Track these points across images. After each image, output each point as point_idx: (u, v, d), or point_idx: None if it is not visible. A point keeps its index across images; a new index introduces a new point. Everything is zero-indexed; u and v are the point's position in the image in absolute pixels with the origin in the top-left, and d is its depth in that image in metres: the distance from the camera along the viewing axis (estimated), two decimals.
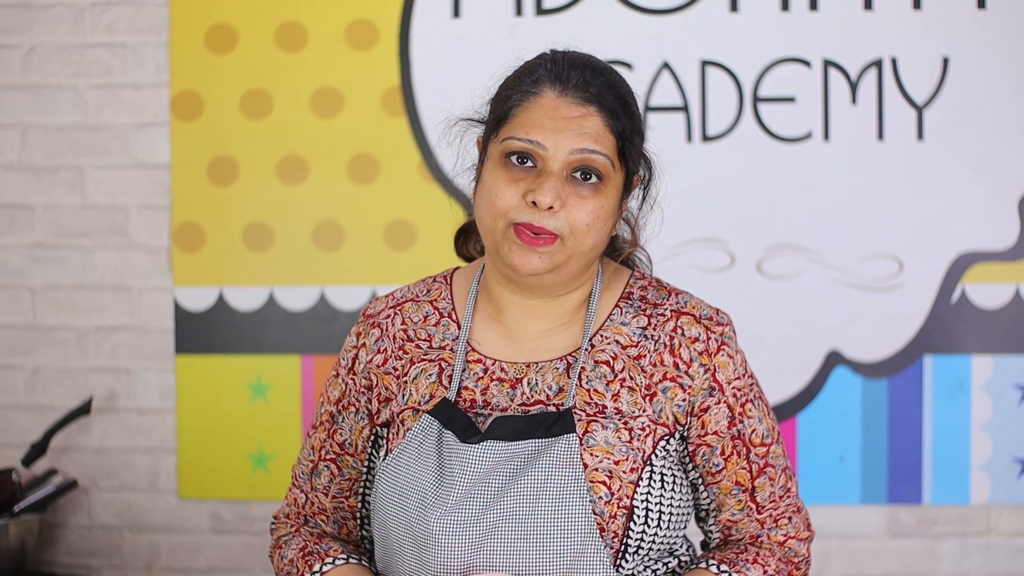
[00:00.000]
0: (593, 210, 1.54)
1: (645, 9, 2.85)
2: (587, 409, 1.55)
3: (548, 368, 1.59)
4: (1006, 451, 2.83)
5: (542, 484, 1.49)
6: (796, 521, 1.68)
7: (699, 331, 1.60)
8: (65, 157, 2.97)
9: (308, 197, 2.91)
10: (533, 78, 1.57)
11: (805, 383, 2.85)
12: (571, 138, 1.52)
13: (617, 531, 1.52)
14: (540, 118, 1.53)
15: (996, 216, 2.81)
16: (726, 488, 1.63)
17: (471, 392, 1.59)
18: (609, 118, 1.54)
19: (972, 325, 2.82)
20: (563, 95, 1.54)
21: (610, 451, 1.53)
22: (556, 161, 1.52)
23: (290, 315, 2.92)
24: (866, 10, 2.80)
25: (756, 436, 1.62)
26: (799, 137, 2.83)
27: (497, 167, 1.56)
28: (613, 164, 1.55)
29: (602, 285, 1.65)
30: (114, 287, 2.98)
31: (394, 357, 1.64)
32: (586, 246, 1.55)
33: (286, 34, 2.90)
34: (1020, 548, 2.86)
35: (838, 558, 2.88)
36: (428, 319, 1.66)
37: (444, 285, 1.70)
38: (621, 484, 1.52)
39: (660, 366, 1.58)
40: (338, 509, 1.71)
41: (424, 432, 1.55)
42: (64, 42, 2.96)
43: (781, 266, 2.84)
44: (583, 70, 1.56)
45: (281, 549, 1.70)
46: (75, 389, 2.99)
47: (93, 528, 3.01)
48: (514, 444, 1.51)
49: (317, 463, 1.71)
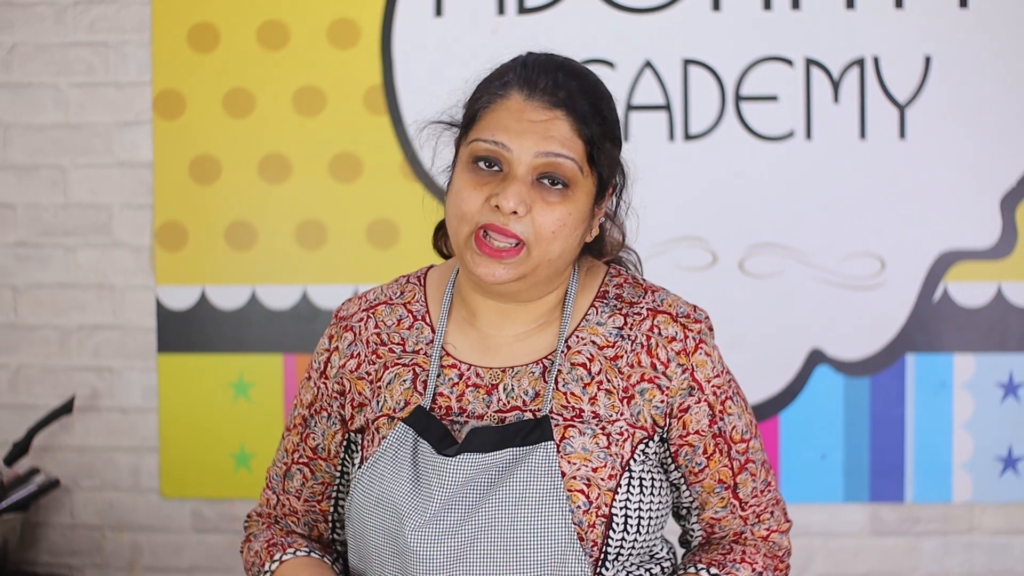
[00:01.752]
0: (560, 217, 1.50)
1: (627, 8, 2.84)
2: (564, 413, 1.53)
3: (524, 373, 1.57)
4: (988, 449, 2.84)
5: (520, 494, 1.47)
6: (777, 514, 1.67)
7: (676, 330, 1.58)
8: (47, 156, 2.97)
9: (290, 196, 2.91)
10: (502, 81, 1.54)
11: (787, 381, 2.85)
12: (536, 141, 1.49)
13: (596, 539, 1.51)
14: (506, 120, 1.51)
15: (978, 215, 2.82)
16: (709, 486, 1.62)
17: (446, 399, 1.57)
18: (577, 123, 1.51)
19: (954, 324, 2.83)
20: (530, 98, 1.51)
21: (588, 458, 1.51)
22: (521, 165, 1.50)
23: (272, 314, 2.92)
24: (848, 9, 2.81)
25: (736, 433, 1.61)
26: (781, 136, 2.83)
27: (465, 171, 1.53)
28: (582, 169, 1.51)
29: (577, 285, 1.62)
30: (97, 286, 2.97)
31: (367, 362, 1.62)
32: (553, 253, 1.52)
33: (268, 33, 2.90)
34: (1002, 546, 2.86)
35: (821, 556, 2.88)
36: (402, 322, 1.64)
37: (418, 286, 1.67)
38: (599, 492, 1.51)
39: (637, 367, 1.56)
40: (309, 512, 1.70)
41: (399, 441, 1.53)
42: (46, 41, 2.95)
43: (763, 265, 2.84)
44: (554, 74, 1.53)
45: (250, 543, 1.69)
46: (57, 388, 2.98)
47: (75, 527, 3.01)
48: (491, 455, 1.49)
49: (290, 466, 1.70)
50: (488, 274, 1.51)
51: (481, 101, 1.55)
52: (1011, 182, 2.81)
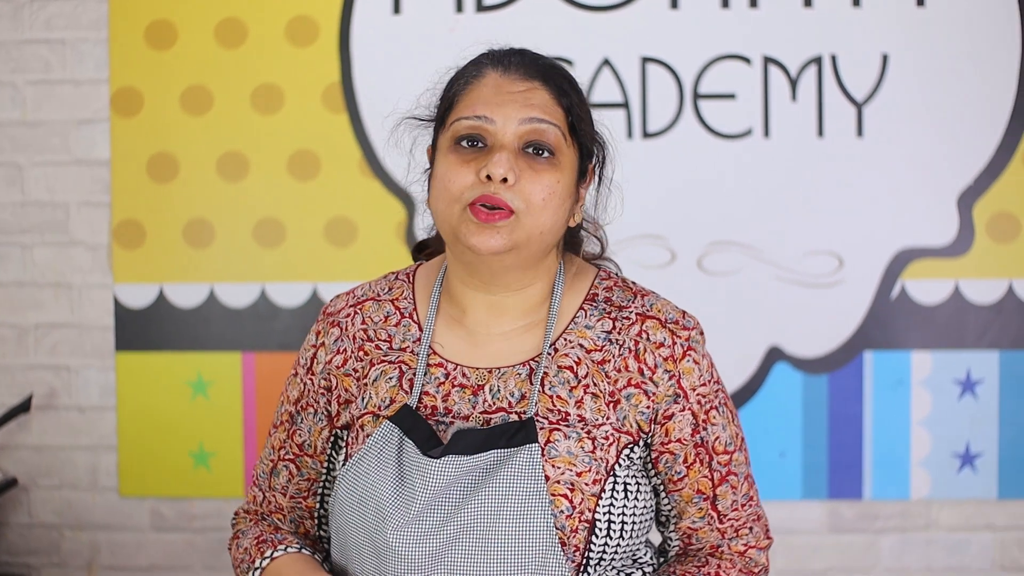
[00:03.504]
0: (549, 184, 1.51)
1: (586, 6, 2.84)
2: (550, 416, 1.52)
3: (511, 374, 1.56)
4: (945, 446, 2.85)
5: (504, 496, 1.46)
6: (756, 530, 1.66)
7: (664, 336, 1.57)
8: (4, 153, 2.95)
9: (249, 194, 2.90)
10: (475, 64, 1.56)
11: (746, 379, 2.86)
12: (518, 109, 1.50)
13: (579, 545, 1.50)
14: (485, 95, 1.52)
15: (935, 213, 2.83)
16: (687, 496, 1.60)
17: (432, 398, 1.56)
18: (555, 92, 1.53)
19: (912, 321, 2.84)
20: (506, 74, 1.53)
21: (572, 462, 1.50)
22: (506, 134, 1.50)
23: (231, 312, 2.91)
24: (806, 7, 2.81)
25: (719, 444, 1.60)
26: (739, 134, 2.83)
27: (448, 154, 1.53)
28: (565, 138, 1.53)
29: (564, 285, 1.62)
30: (54, 284, 2.96)
31: (354, 358, 1.61)
32: (544, 224, 1.51)
33: (226, 30, 2.89)
34: (959, 542, 2.88)
35: (779, 553, 2.88)
36: (389, 319, 1.63)
37: (406, 283, 1.66)
38: (583, 497, 1.49)
39: (625, 372, 1.55)
40: (295, 508, 1.69)
41: (384, 440, 1.52)
42: (2, 38, 2.94)
43: (722, 262, 2.85)
44: (524, 55, 1.57)
45: (238, 539, 1.68)
46: (14, 387, 2.97)
47: (33, 526, 3.00)
48: (475, 456, 1.48)
49: (276, 463, 1.69)
50: (482, 243, 1.49)
51: (457, 86, 1.56)
52: (968, 180, 2.82)
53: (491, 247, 1.50)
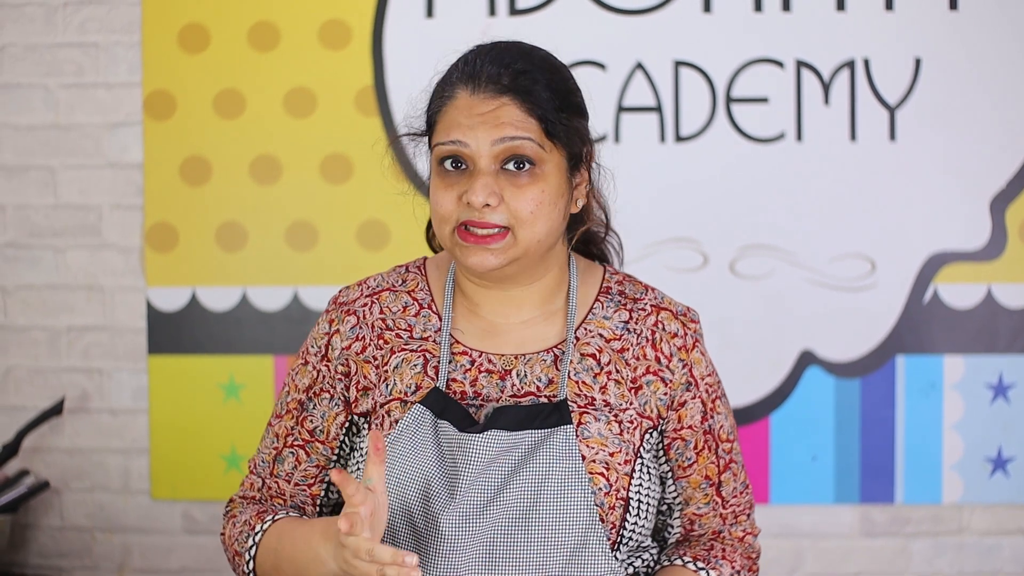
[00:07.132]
0: (534, 197, 1.53)
1: (618, 9, 2.85)
2: (578, 401, 1.58)
3: (536, 360, 1.60)
4: (978, 451, 2.85)
5: (544, 476, 1.51)
6: (752, 517, 1.74)
7: (677, 326, 1.65)
8: (36, 157, 2.96)
9: (281, 197, 2.90)
10: (448, 82, 1.58)
11: (778, 383, 2.86)
12: (489, 130, 1.52)
13: (615, 522, 1.55)
14: (457, 118, 1.54)
15: (968, 216, 2.82)
16: (695, 482, 1.67)
17: (460, 384, 1.59)
18: (526, 103, 1.53)
19: (944, 325, 2.83)
20: (475, 93, 1.54)
21: (604, 443, 1.56)
22: (483, 157, 1.53)
23: (263, 315, 2.91)
24: (839, 11, 2.81)
25: (723, 432, 1.68)
26: (772, 138, 2.83)
27: (436, 175, 1.58)
28: (543, 146, 1.54)
29: (578, 280, 1.66)
30: (86, 287, 2.96)
31: (374, 346, 1.63)
32: (540, 233, 1.55)
33: (259, 34, 2.89)
34: (991, 547, 2.87)
35: (811, 557, 2.88)
36: (407, 309, 1.65)
37: (419, 275, 1.69)
38: (618, 476, 1.55)
39: (643, 359, 1.62)
40: (298, 495, 1.69)
41: (417, 422, 1.55)
42: (35, 41, 2.94)
43: (754, 266, 2.85)
44: (495, 62, 1.55)
45: (234, 518, 1.67)
46: (47, 389, 2.97)
47: (65, 529, 3.00)
48: (515, 434, 1.52)
49: (281, 450, 1.68)
50: (479, 263, 1.54)
51: (433, 106, 1.59)
52: (1001, 183, 2.81)
53: (488, 266, 1.55)
